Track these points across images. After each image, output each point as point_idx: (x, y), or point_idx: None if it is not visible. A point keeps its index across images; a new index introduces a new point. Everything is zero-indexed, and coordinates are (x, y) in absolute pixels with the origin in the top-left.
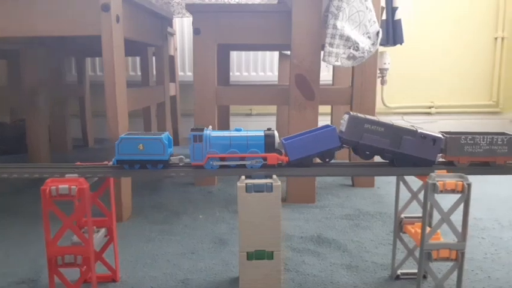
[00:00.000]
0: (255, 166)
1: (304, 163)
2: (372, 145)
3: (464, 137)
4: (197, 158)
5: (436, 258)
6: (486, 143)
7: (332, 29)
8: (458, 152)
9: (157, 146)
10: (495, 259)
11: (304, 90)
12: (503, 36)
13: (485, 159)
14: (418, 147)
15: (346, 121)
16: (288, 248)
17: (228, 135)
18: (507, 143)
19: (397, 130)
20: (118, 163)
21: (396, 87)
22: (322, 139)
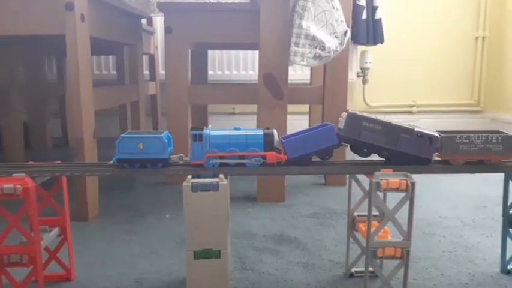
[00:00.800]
0: (254, 165)
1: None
2: (369, 143)
3: (459, 136)
4: (197, 157)
5: (382, 256)
6: (481, 142)
7: (297, 29)
8: (454, 151)
9: (157, 145)
10: (451, 257)
11: (273, 90)
12: (484, 36)
13: (480, 158)
14: (414, 146)
15: (344, 119)
16: (249, 246)
17: (228, 134)
18: (501, 142)
19: (394, 128)
20: (118, 162)
21: (378, 87)
22: (320, 137)
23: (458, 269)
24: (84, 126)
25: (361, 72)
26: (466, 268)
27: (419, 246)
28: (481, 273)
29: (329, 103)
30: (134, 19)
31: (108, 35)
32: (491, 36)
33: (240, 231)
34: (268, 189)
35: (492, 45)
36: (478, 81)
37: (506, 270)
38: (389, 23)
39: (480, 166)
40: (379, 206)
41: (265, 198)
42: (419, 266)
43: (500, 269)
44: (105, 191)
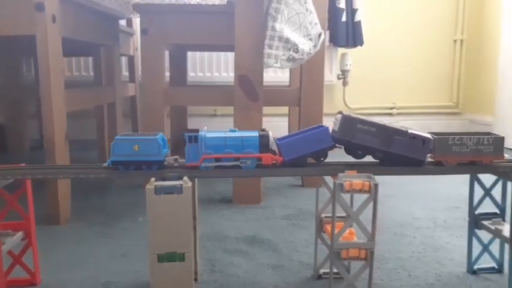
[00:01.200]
0: (250, 166)
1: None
2: (363, 144)
3: (452, 138)
4: (192, 158)
5: (346, 257)
6: (473, 143)
7: (271, 31)
8: (446, 152)
9: (152, 147)
10: (420, 257)
11: (248, 92)
12: (462, 39)
13: (472, 159)
14: (408, 147)
15: (339, 121)
16: (220, 249)
17: (223, 136)
18: (493, 143)
19: (388, 130)
20: (113, 164)
21: (358, 89)
22: (315, 139)
23: (426, 270)
24: (55, 128)
25: (341, 74)
26: (433, 268)
27: (389, 247)
28: (447, 274)
29: (306, 105)
30: (110, 20)
31: (81, 36)
32: (469, 39)
33: (213, 233)
34: (244, 191)
35: (470, 48)
36: (457, 84)
37: (472, 270)
38: (369, 25)
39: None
40: (343, 207)
41: (241, 200)
42: (387, 266)
43: (467, 269)
44: (81, 193)
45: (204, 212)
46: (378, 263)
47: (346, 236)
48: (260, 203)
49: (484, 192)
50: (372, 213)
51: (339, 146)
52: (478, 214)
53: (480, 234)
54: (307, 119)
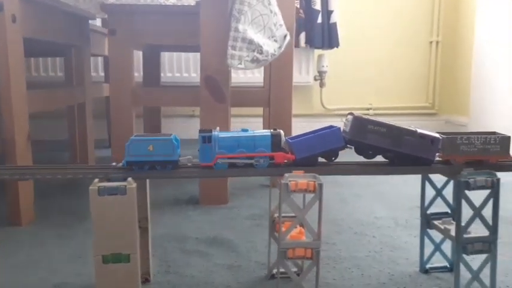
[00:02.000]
0: (263, 165)
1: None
2: (374, 145)
3: (460, 137)
4: (206, 158)
5: (292, 257)
6: (480, 143)
7: (234, 32)
8: (455, 151)
9: (167, 147)
10: (376, 257)
11: (214, 92)
12: (437, 40)
13: (479, 158)
14: (417, 147)
15: (350, 122)
16: (179, 250)
17: (236, 136)
18: (499, 142)
19: (398, 130)
20: (127, 164)
21: (335, 90)
22: (327, 139)
23: (380, 269)
24: (16, 129)
25: (318, 75)
26: (387, 268)
27: (347, 246)
28: (400, 273)
29: (275, 106)
30: (79, 20)
31: (46, 36)
32: (445, 41)
33: (174, 234)
34: (211, 192)
35: (446, 50)
36: (433, 85)
37: (425, 270)
38: (345, 26)
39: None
40: (290, 207)
41: (208, 201)
42: (342, 266)
43: (420, 269)
44: (47, 194)
45: (169, 212)
46: (334, 262)
47: (294, 235)
48: (227, 203)
49: (436, 193)
50: (318, 212)
51: (349, 147)
52: (429, 214)
53: (432, 234)
54: (277, 119)
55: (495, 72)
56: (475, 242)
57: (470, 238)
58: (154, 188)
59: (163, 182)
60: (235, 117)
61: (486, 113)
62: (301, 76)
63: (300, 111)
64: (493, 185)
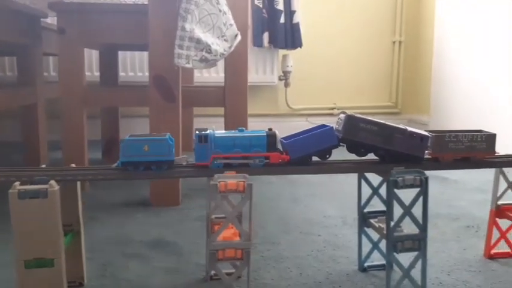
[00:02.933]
0: (258, 165)
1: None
2: (366, 143)
3: (448, 135)
4: (202, 158)
5: (222, 258)
6: (467, 140)
7: (181, 31)
8: (443, 149)
9: (162, 147)
10: (318, 256)
11: (164, 92)
12: (400, 40)
13: (466, 155)
14: (407, 145)
15: (342, 120)
16: (119, 253)
17: (232, 136)
18: (485, 140)
19: (389, 129)
20: (123, 165)
21: (300, 89)
22: (321, 138)
23: (319, 268)
24: None
25: (283, 75)
26: (327, 267)
27: (291, 246)
28: (338, 272)
29: (230, 105)
30: (30, 18)
31: None
32: (407, 40)
33: (117, 237)
34: (162, 193)
35: (408, 50)
36: (396, 84)
37: (363, 268)
38: (309, 27)
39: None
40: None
41: (159, 202)
42: (282, 266)
43: (358, 267)
44: None
45: (117, 214)
46: (275, 262)
47: (228, 236)
48: (179, 204)
49: (372, 191)
50: (249, 213)
51: (342, 145)
52: (366, 212)
53: (370, 232)
54: (232, 119)
55: (454, 72)
56: (405, 240)
57: (400, 236)
58: (107, 188)
59: (116, 183)
60: (198, 117)
61: (446, 112)
62: (265, 76)
63: (265, 111)
64: (422, 183)
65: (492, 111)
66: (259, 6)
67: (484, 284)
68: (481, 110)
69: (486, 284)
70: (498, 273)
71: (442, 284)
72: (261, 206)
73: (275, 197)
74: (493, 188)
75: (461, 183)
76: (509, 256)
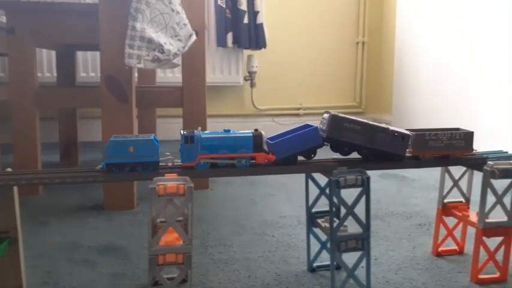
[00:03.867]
0: (244, 165)
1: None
2: (350, 142)
3: (428, 134)
4: (188, 159)
5: (162, 263)
6: (446, 138)
7: (131, 31)
8: (423, 147)
9: (148, 148)
10: (269, 257)
11: (116, 93)
12: (363, 41)
13: (445, 153)
14: (389, 144)
15: (327, 120)
16: (65, 259)
17: (218, 137)
18: (464, 138)
19: (371, 128)
20: (107, 167)
21: (266, 90)
22: (306, 138)
23: (268, 269)
24: None
25: (248, 76)
26: (276, 268)
27: (243, 247)
28: (287, 273)
29: (188, 106)
30: None
31: None
32: (371, 41)
33: (66, 242)
34: (116, 197)
35: (371, 50)
36: (360, 84)
37: (312, 268)
38: (274, 27)
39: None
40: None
41: (113, 207)
42: (232, 268)
43: (307, 268)
44: None
45: (69, 220)
46: (224, 265)
47: (170, 240)
48: (134, 208)
49: (319, 191)
50: (189, 216)
51: (326, 144)
52: (314, 212)
53: (318, 232)
54: (190, 120)
55: (414, 73)
56: (348, 240)
57: (344, 236)
58: (60, 192)
59: (70, 186)
60: (162, 118)
61: (407, 112)
62: (231, 76)
63: (231, 112)
64: (363, 183)
65: (450, 110)
66: (222, 6)
67: (429, 282)
68: (440, 108)
69: (431, 281)
70: (444, 270)
71: (388, 283)
72: (218, 208)
73: (234, 198)
74: (439, 187)
75: (418, 181)
76: (456, 253)
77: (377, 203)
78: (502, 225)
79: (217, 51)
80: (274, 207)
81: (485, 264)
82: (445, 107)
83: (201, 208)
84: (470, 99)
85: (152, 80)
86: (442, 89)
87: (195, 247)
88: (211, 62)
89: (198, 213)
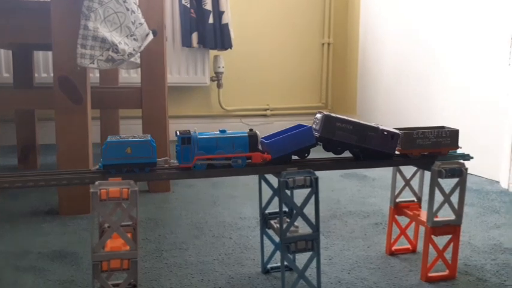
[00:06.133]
0: (240, 165)
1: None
2: (343, 141)
3: (416, 132)
4: (185, 159)
5: (107, 269)
6: (433, 136)
7: (83, 30)
8: (411, 145)
9: (145, 149)
10: (224, 259)
11: (70, 94)
12: (329, 42)
13: (432, 151)
14: (380, 142)
15: (320, 120)
16: (12, 267)
17: (215, 137)
18: (450, 135)
19: (362, 127)
20: (104, 168)
21: (233, 90)
22: (300, 137)
23: (222, 273)
24: None
25: (215, 76)
26: (230, 271)
27: (199, 251)
28: (241, 275)
29: (148, 107)
30: None
31: None
32: (336, 42)
33: (14, 249)
34: (72, 201)
35: (337, 51)
36: (326, 85)
37: (266, 270)
38: (240, 28)
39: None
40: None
41: (69, 211)
42: (185, 272)
43: (261, 269)
44: None
45: (21, 225)
46: (178, 269)
47: (117, 246)
48: (90, 212)
49: (273, 192)
50: (135, 221)
51: (319, 143)
52: (267, 213)
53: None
54: (150, 121)
55: (377, 73)
56: (298, 241)
57: (293, 237)
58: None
59: (25, 191)
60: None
61: (371, 111)
62: (197, 77)
63: (198, 113)
64: (312, 183)
65: (411, 108)
66: (186, 6)
67: (380, 281)
68: (401, 107)
69: (383, 280)
70: (396, 269)
71: (340, 283)
72: (177, 211)
73: (195, 201)
74: (391, 187)
75: (379, 181)
76: (410, 251)
77: (336, 203)
78: (450, 224)
79: (183, 51)
80: (235, 209)
81: (435, 262)
82: (405, 106)
83: (160, 211)
84: (429, 98)
85: (115, 80)
86: (403, 88)
87: (149, 252)
88: (177, 62)
89: (156, 217)
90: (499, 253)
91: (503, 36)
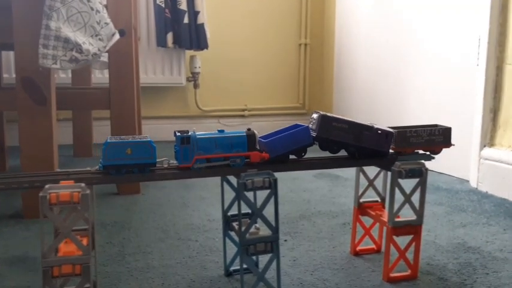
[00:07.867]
0: (239, 164)
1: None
2: (339, 140)
3: (409, 131)
4: (185, 159)
5: (58, 275)
6: (427, 134)
7: (45, 30)
8: (405, 144)
9: (145, 150)
10: (188, 263)
11: (34, 95)
12: (306, 43)
13: (426, 149)
14: (374, 141)
15: (316, 120)
16: None
17: (213, 137)
18: (442, 133)
19: (358, 126)
20: (105, 169)
21: (210, 91)
22: (298, 137)
23: (184, 276)
24: None
25: (191, 76)
26: (192, 274)
27: (162, 254)
28: (202, 278)
29: (116, 108)
30: None
31: None
32: (313, 43)
33: None
34: (36, 204)
35: (314, 52)
36: (303, 86)
37: (228, 272)
38: (217, 28)
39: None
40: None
41: (33, 215)
42: (146, 276)
43: (224, 272)
44: None
45: None
46: (139, 273)
47: (70, 251)
48: None
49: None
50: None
51: (315, 143)
52: (229, 215)
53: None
54: (119, 122)
55: (352, 73)
56: (257, 243)
57: (252, 239)
58: None
59: None
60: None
61: (346, 111)
62: (173, 77)
63: (175, 113)
64: (271, 185)
65: (384, 108)
66: (161, 6)
67: (342, 282)
68: (375, 107)
69: (345, 281)
70: (359, 269)
71: (302, 285)
72: (144, 213)
73: (164, 203)
74: (355, 187)
75: (351, 181)
76: (374, 252)
77: (307, 203)
78: (411, 224)
79: (158, 51)
80: (204, 211)
81: (397, 262)
82: (380, 105)
83: (127, 214)
84: (403, 98)
85: (87, 81)
86: (377, 89)
87: (112, 255)
88: (152, 62)
89: (122, 220)
90: (462, 252)
91: (472, 38)
